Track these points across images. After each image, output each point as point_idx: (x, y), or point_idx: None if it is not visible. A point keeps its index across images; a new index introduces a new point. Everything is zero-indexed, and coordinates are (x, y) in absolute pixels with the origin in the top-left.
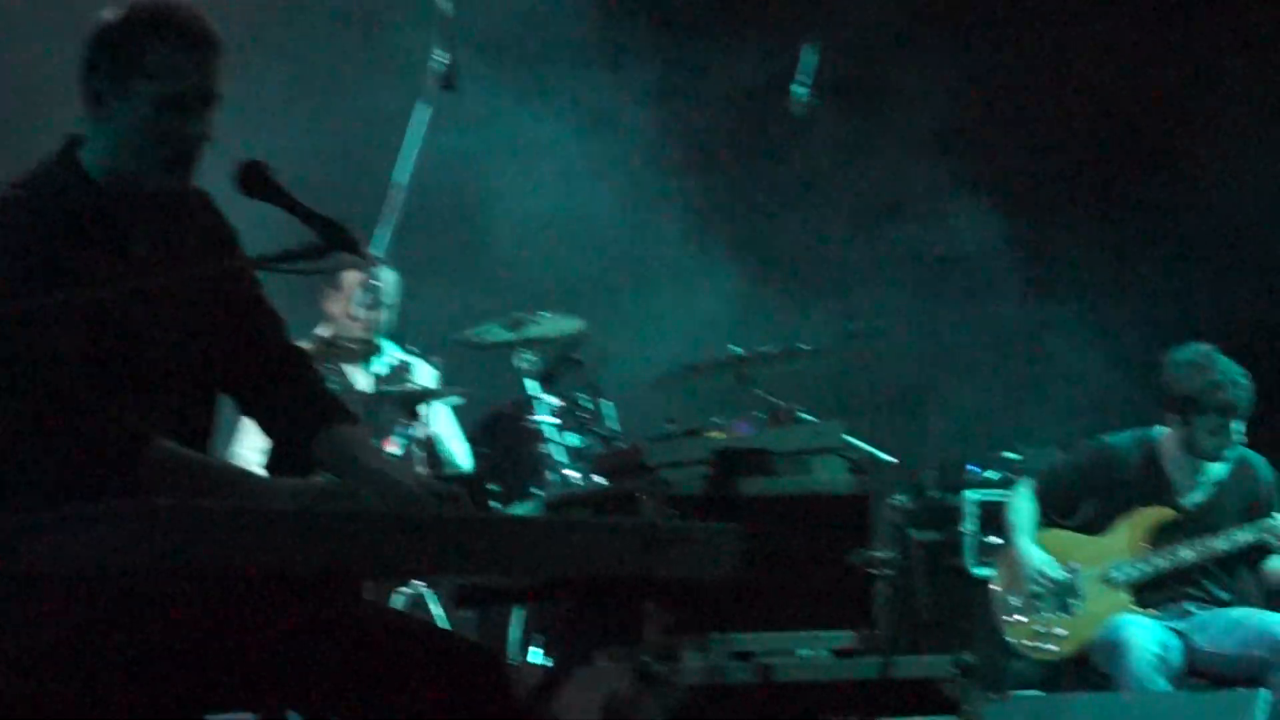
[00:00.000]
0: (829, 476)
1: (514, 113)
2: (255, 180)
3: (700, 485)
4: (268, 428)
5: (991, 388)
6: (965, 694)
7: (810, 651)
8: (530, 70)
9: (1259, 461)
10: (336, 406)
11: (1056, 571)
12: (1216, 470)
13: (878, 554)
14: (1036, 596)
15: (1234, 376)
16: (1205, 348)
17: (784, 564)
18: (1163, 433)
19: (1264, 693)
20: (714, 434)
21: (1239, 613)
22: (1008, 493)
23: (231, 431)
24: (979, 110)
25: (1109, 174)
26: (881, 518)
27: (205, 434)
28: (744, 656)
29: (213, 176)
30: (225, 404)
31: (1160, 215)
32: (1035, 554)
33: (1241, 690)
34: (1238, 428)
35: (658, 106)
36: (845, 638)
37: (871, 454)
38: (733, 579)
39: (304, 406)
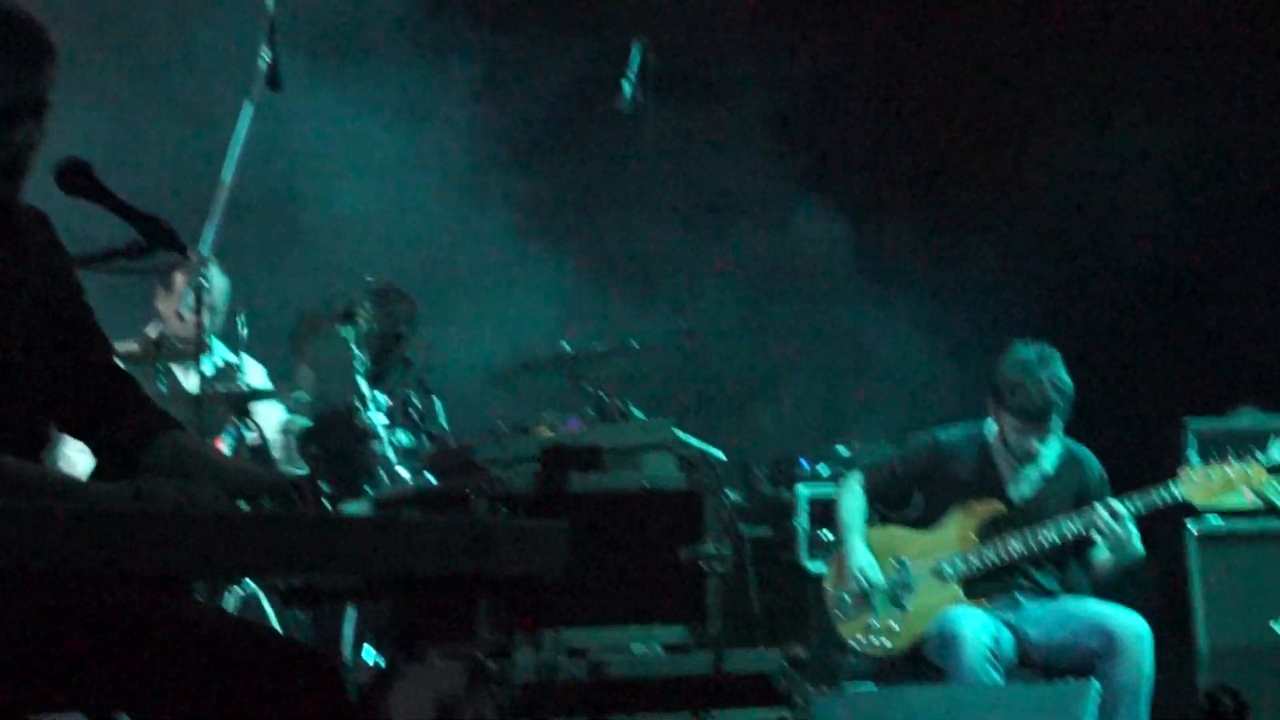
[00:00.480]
0: (660, 473)
1: (338, 109)
2: (76, 178)
3: (530, 482)
4: (95, 445)
5: (823, 384)
6: (796, 687)
7: (643, 647)
8: (354, 65)
9: (1087, 455)
10: (165, 416)
11: (878, 575)
12: (1045, 464)
13: (709, 550)
14: (867, 594)
15: (1044, 380)
16: (1036, 349)
17: (615, 560)
18: (993, 427)
19: (1094, 683)
20: (544, 431)
21: (1069, 604)
22: (839, 487)
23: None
24: (810, 106)
25: (940, 170)
26: (713, 513)
27: (41, 445)
28: (576, 653)
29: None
30: None
31: (990, 212)
32: (861, 554)
33: (1072, 681)
34: (1052, 426)
35: (484, 102)
36: (677, 633)
37: (702, 450)
38: (564, 576)
39: (133, 421)
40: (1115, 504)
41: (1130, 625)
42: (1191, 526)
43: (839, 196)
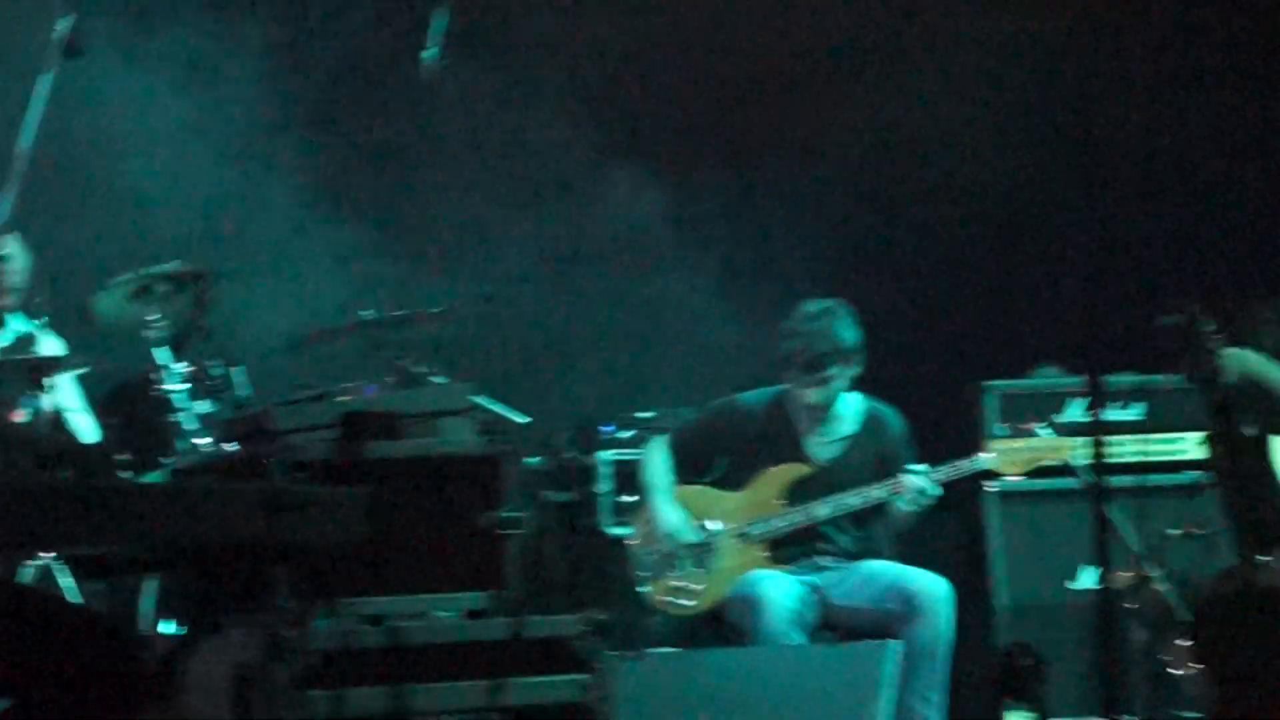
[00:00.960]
0: (458, 438)
1: (127, 73)
2: None
3: (329, 449)
4: None
5: (626, 349)
6: (597, 652)
7: (443, 613)
8: (142, 28)
9: (889, 414)
10: None
11: (688, 534)
12: (846, 425)
13: (508, 515)
14: (672, 554)
15: (818, 331)
16: (821, 304)
17: (414, 526)
18: (792, 390)
19: (894, 643)
20: (342, 398)
21: (872, 566)
22: (642, 451)
23: None
24: (617, 69)
25: (747, 134)
26: (513, 479)
27: None
28: (375, 620)
29: None
30: None
31: (796, 176)
32: (669, 513)
33: (873, 642)
34: (829, 377)
35: (276, 64)
36: (476, 599)
37: (502, 415)
38: (362, 542)
39: None
40: (921, 479)
41: (930, 587)
42: (989, 485)
43: (646, 160)
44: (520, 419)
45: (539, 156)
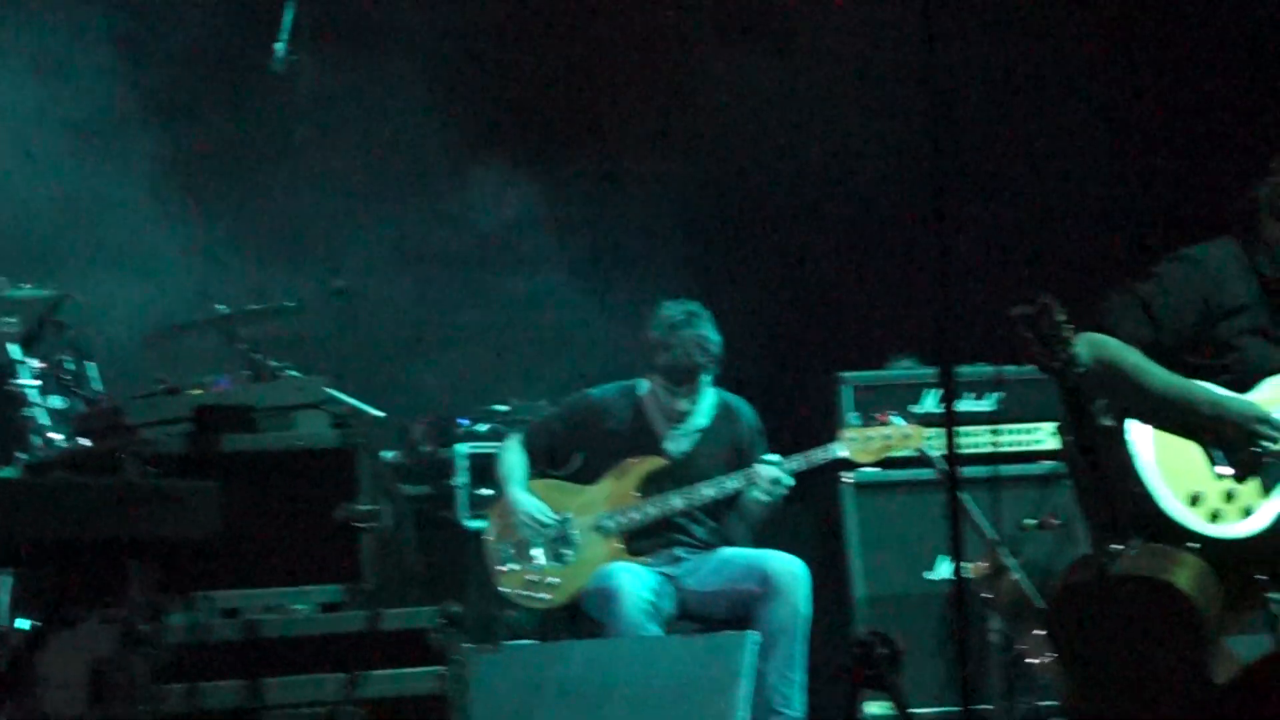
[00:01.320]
0: (313, 431)
1: None
2: None
3: (182, 443)
4: None
5: (482, 343)
6: (453, 644)
7: (299, 606)
8: None
9: (743, 406)
10: None
11: (549, 516)
12: (700, 417)
13: (364, 508)
14: (530, 545)
15: (689, 340)
16: (683, 308)
17: (269, 520)
18: (645, 384)
19: (752, 634)
20: (195, 392)
21: (727, 552)
22: (498, 445)
23: None
24: (477, 62)
25: (608, 123)
26: (368, 472)
27: None
28: (230, 613)
29: None
30: None
31: (657, 167)
32: (527, 500)
33: (731, 632)
34: (700, 385)
35: (124, 56)
36: (332, 592)
37: (358, 408)
38: (217, 536)
39: None
40: (775, 469)
41: (786, 566)
42: (845, 475)
43: (506, 152)
44: (376, 413)
45: (397, 149)
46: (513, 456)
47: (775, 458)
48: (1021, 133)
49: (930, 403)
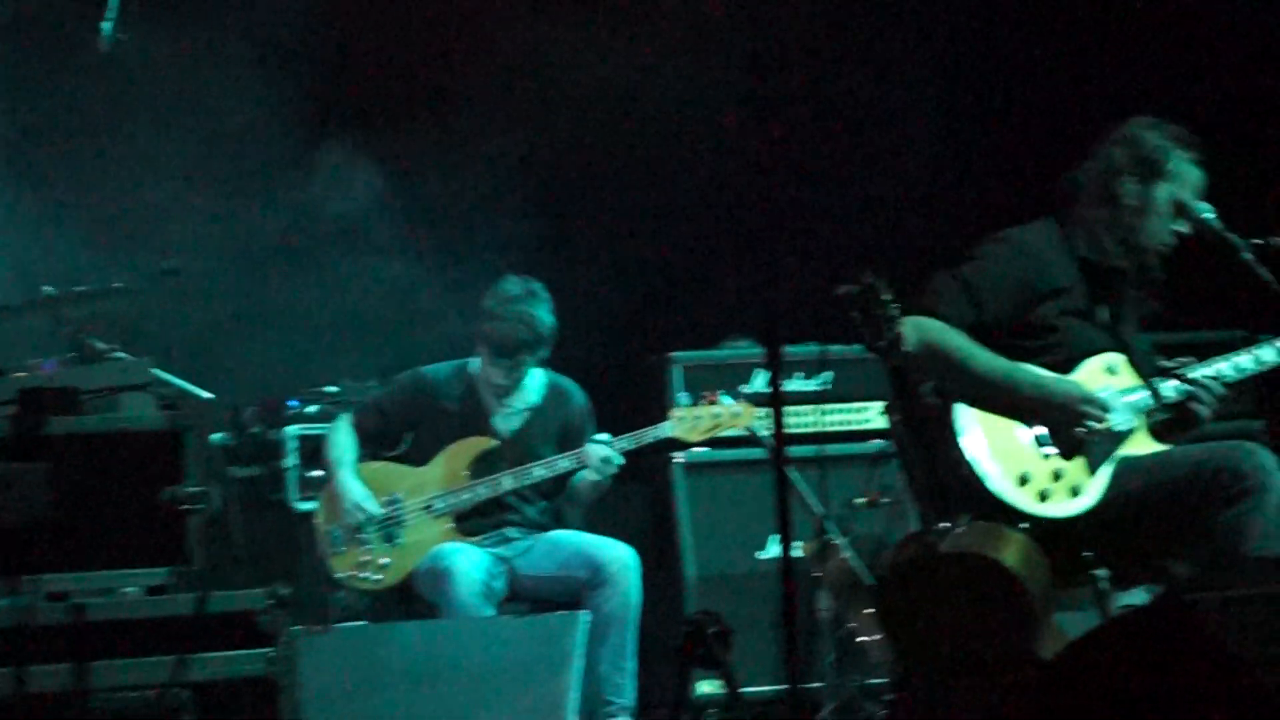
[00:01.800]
0: (139, 414)
1: None
2: None
3: (6, 426)
4: None
5: (312, 323)
6: (282, 626)
7: (129, 589)
8: None
9: (572, 387)
10: None
11: (373, 505)
12: (530, 397)
13: (192, 490)
14: (359, 528)
15: (518, 316)
16: (522, 284)
17: (95, 502)
18: (477, 362)
19: (584, 614)
20: (20, 375)
21: (559, 536)
22: (328, 426)
23: None
24: (317, 40)
25: (452, 96)
26: (195, 454)
27: None
28: (56, 597)
29: None
30: None
31: (491, 141)
32: (353, 486)
33: (562, 612)
34: (523, 363)
35: None
36: (160, 575)
37: (185, 390)
38: (43, 518)
39: None
40: (605, 448)
41: (617, 555)
42: (677, 456)
43: (343, 130)
44: (204, 395)
45: (229, 128)
46: (342, 438)
47: (605, 437)
48: (849, 112)
49: (760, 382)
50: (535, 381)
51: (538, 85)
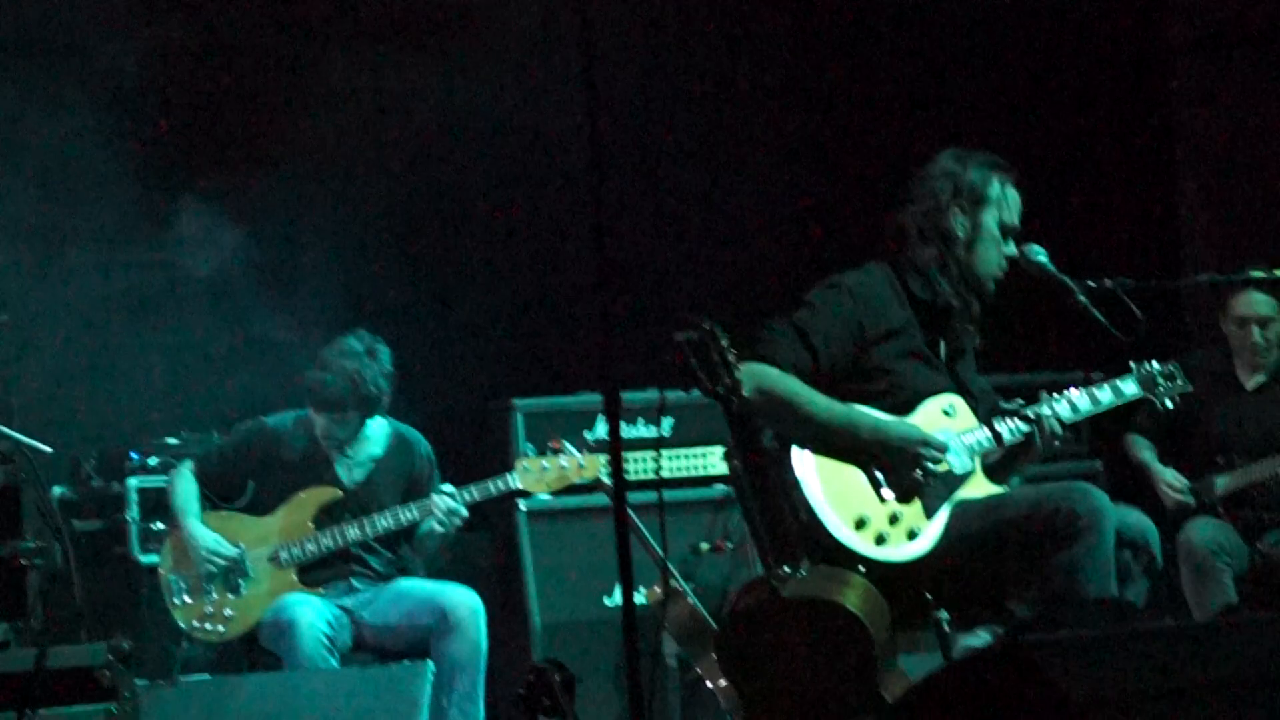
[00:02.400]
0: None
1: None
2: None
3: None
4: None
5: (154, 375)
6: (123, 680)
7: None
8: None
9: (416, 437)
10: None
11: (226, 548)
12: (373, 448)
13: (29, 544)
14: (207, 578)
15: (347, 372)
16: (361, 340)
17: None
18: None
19: (429, 663)
20: None
21: (404, 584)
22: (170, 477)
23: None
24: (161, 74)
25: (288, 155)
26: (33, 507)
27: None
28: None
29: None
30: None
31: (337, 195)
32: (204, 533)
33: (408, 663)
34: (352, 418)
35: None
36: None
37: (24, 443)
38: None
39: None
40: (451, 499)
41: (463, 601)
42: (521, 504)
43: (182, 177)
44: (43, 448)
45: (65, 175)
46: (185, 486)
47: (450, 488)
48: (690, 159)
49: (604, 429)
50: (378, 431)
51: (377, 129)
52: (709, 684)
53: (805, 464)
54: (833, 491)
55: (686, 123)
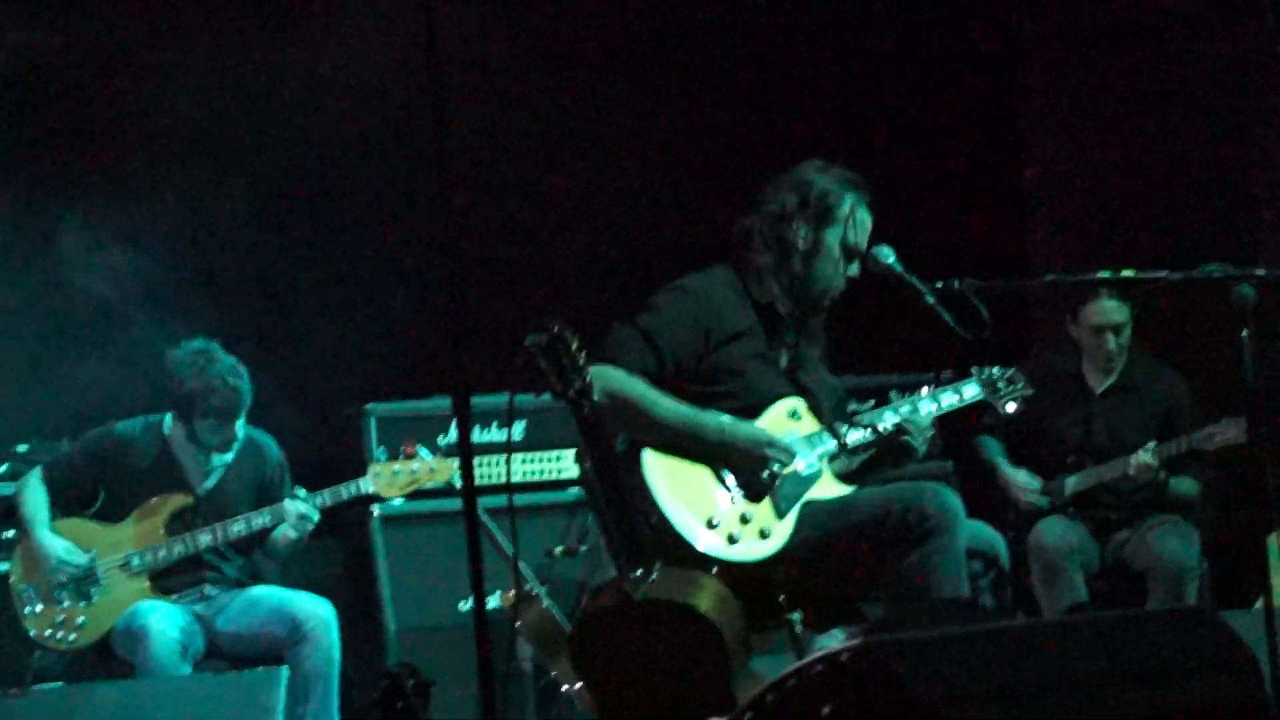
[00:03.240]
0: None
1: None
2: None
3: None
4: None
5: None
6: None
7: None
8: None
9: (267, 441)
10: None
11: (78, 557)
12: (224, 455)
13: None
14: (59, 586)
15: (225, 376)
16: (204, 345)
17: None
18: (171, 420)
19: (284, 669)
20: None
21: (257, 591)
22: (18, 484)
23: None
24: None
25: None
26: None
27: None
28: None
29: None
30: None
31: (183, 201)
32: (54, 542)
33: (262, 669)
34: (239, 425)
35: None
36: None
37: None
38: None
39: None
40: (303, 504)
41: (315, 611)
42: (375, 509)
43: (23, 178)
44: None
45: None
46: (34, 495)
47: (302, 493)
48: (542, 160)
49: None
50: None
51: (221, 128)
52: (564, 687)
53: (654, 466)
54: (683, 493)
55: (534, 122)
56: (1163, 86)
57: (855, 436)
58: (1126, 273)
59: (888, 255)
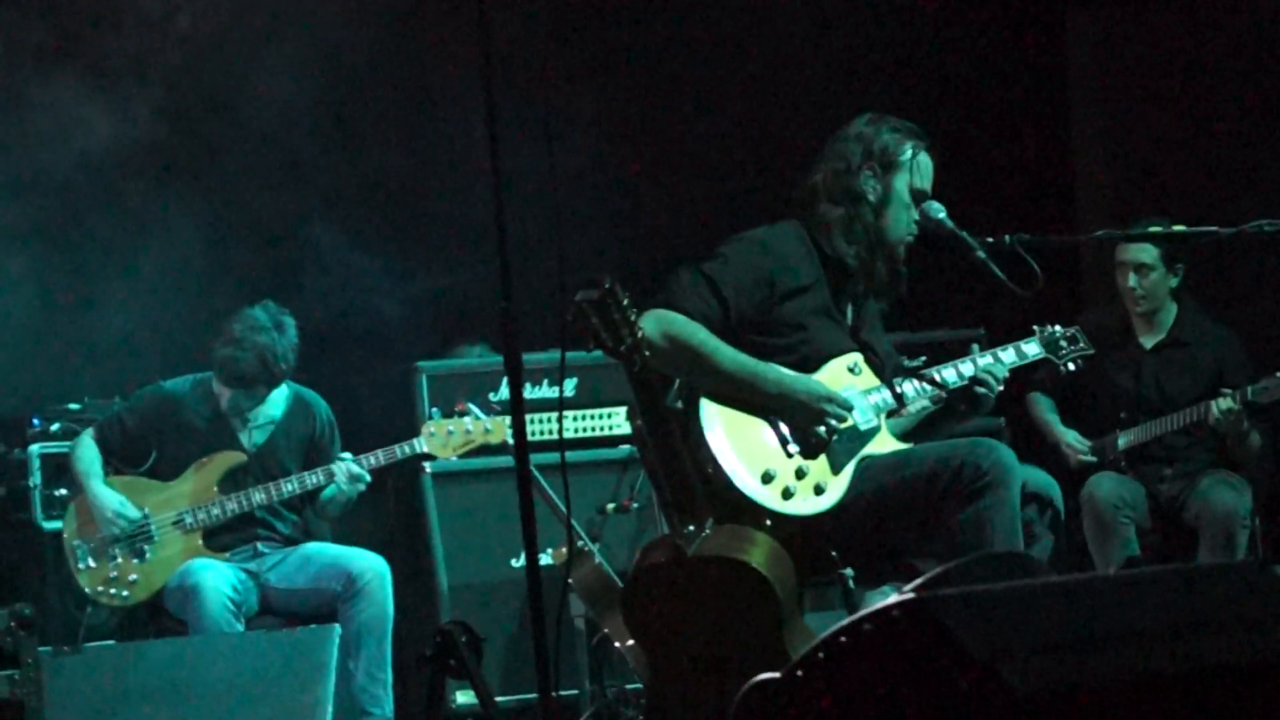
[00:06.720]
0: None
1: None
2: None
3: None
4: None
5: (54, 340)
6: (25, 647)
7: None
8: None
9: (315, 399)
10: None
11: (132, 511)
12: (273, 410)
13: None
14: (112, 541)
15: (255, 349)
16: (269, 313)
17: None
18: (215, 379)
19: (335, 627)
20: None
21: (310, 548)
22: (71, 443)
23: None
24: None
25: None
26: None
27: None
28: None
29: None
30: None
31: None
32: (109, 494)
33: (315, 626)
34: (258, 392)
35: None
36: None
37: None
38: None
39: None
40: (355, 464)
41: (369, 565)
42: (427, 466)
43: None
44: None
45: None
46: (87, 452)
47: (349, 456)
48: (585, 119)
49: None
50: (278, 394)
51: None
52: (616, 644)
53: (711, 417)
54: (740, 446)
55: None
56: (1210, 42)
57: (914, 393)
58: (1177, 228)
59: (938, 210)
